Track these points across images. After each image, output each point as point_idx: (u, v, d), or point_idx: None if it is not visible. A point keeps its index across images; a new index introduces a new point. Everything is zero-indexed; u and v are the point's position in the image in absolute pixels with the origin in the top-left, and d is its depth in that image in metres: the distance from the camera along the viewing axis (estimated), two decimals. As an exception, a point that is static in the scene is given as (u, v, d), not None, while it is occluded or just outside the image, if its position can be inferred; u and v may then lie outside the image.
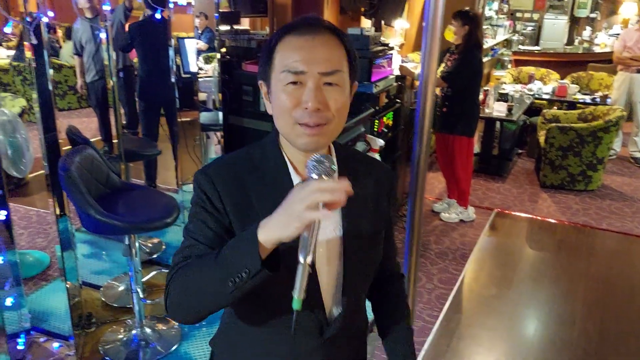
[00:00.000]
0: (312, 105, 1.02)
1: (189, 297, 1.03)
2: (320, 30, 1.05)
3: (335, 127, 1.07)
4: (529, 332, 3.19)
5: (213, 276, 0.97)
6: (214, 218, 1.09)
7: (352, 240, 1.14)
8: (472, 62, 4.18)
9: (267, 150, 1.14)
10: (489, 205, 4.91)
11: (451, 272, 3.77)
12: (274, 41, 1.07)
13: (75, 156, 2.53)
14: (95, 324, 2.97)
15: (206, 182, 1.09)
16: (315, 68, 1.02)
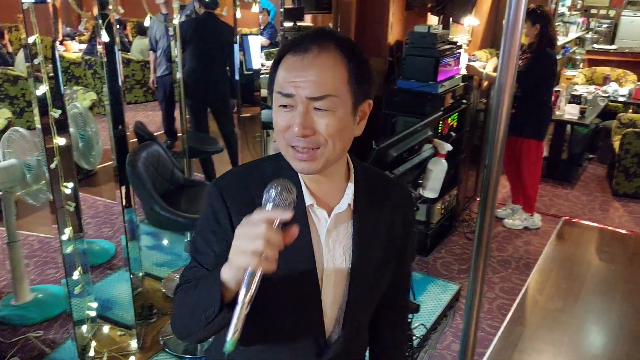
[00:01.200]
0: (298, 131, 0.97)
1: (181, 322, 1.05)
2: (317, 48, 0.98)
3: (330, 151, 1.00)
4: (596, 349, 3.03)
5: (192, 309, 0.97)
6: (217, 237, 1.06)
7: (360, 270, 1.10)
8: (545, 61, 4.01)
9: (281, 166, 1.08)
10: (556, 212, 4.70)
11: (514, 281, 3.63)
12: (277, 58, 1.03)
13: (142, 152, 2.59)
14: (156, 314, 3.04)
15: (216, 196, 1.07)
16: (303, 92, 0.97)
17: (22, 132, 2.97)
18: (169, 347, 2.78)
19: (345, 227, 1.09)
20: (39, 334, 2.92)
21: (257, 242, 0.84)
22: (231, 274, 0.89)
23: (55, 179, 2.37)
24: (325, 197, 1.08)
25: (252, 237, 0.84)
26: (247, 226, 0.86)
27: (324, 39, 0.99)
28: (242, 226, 0.87)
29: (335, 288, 1.09)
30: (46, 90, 2.31)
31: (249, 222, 0.86)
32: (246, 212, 1.01)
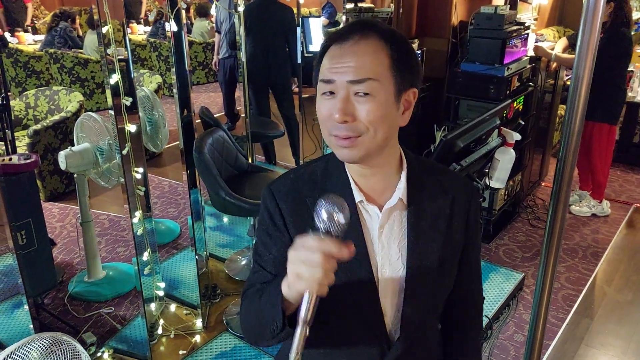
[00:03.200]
0: (338, 117, 0.96)
1: (250, 330, 1.06)
2: (360, 35, 0.98)
3: (371, 139, 0.98)
4: (670, 345, 2.90)
5: (258, 320, 1.00)
6: (274, 239, 1.08)
7: (417, 267, 1.06)
8: (619, 41, 3.80)
9: (330, 165, 1.09)
10: (627, 199, 4.50)
11: (580, 271, 3.51)
12: (322, 50, 1.03)
13: (208, 138, 2.65)
14: (220, 295, 3.14)
15: (270, 198, 1.09)
16: (344, 76, 0.96)
17: (95, 117, 3.10)
18: (232, 328, 2.87)
19: (400, 223, 1.06)
20: (110, 310, 3.07)
21: (315, 270, 0.84)
22: (290, 293, 0.90)
23: (127, 164, 2.46)
24: (375, 192, 1.06)
25: (310, 265, 0.84)
26: (304, 251, 0.86)
27: (365, 28, 0.99)
28: (297, 250, 0.87)
29: (392, 286, 1.07)
30: (118, 79, 2.39)
31: (306, 247, 0.86)
32: (298, 214, 1.05)
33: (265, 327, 0.96)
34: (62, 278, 3.37)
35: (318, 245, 0.85)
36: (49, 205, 4.28)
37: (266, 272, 1.08)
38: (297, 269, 0.85)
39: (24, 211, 2.81)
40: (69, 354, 1.34)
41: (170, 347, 2.75)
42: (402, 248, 1.06)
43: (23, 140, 4.30)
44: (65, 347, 1.35)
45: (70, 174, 4.24)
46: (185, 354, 2.70)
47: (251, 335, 1.08)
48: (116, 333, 2.86)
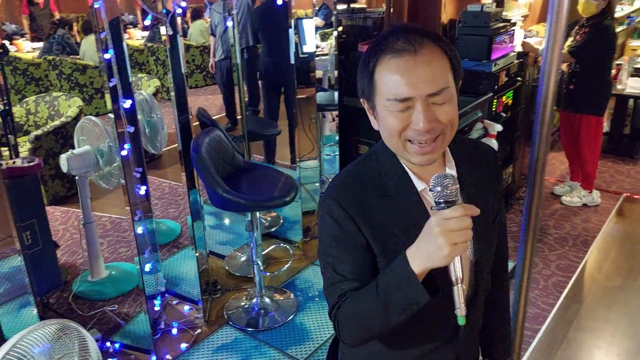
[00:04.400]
0: (424, 126, 1.01)
1: (363, 333, 1.12)
2: (420, 44, 1.01)
3: (449, 137, 1.07)
4: (657, 328, 3.00)
5: (384, 318, 1.04)
6: (347, 243, 1.10)
7: (479, 236, 1.15)
8: (605, 35, 3.88)
9: (383, 161, 1.14)
10: (617, 189, 4.59)
11: (571, 259, 3.61)
12: (373, 63, 1.04)
13: (205, 137, 2.74)
14: (220, 290, 3.23)
15: (334, 206, 1.10)
16: (422, 91, 1.00)
17: (95, 120, 3.19)
18: (233, 321, 2.96)
19: None
20: (114, 307, 3.17)
21: (468, 232, 0.95)
22: (431, 265, 0.97)
23: (127, 165, 2.55)
24: (430, 176, 1.10)
25: (462, 230, 0.94)
26: (451, 222, 0.94)
27: (418, 35, 1.02)
28: (442, 225, 0.94)
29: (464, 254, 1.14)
30: (117, 82, 2.48)
31: (449, 218, 0.94)
32: (366, 214, 1.10)
33: (395, 314, 1.02)
34: (67, 278, 3.47)
35: (461, 212, 0.94)
36: (52, 209, 4.38)
37: (349, 280, 1.11)
38: (453, 239, 0.93)
39: (28, 212, 2.91)
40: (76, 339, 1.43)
41: (172, 341, 2.84)
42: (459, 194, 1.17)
43: (25, 145, 4.39)
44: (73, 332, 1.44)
45: (71, 178, 4.34)
46: (187, 346, 2.80)
47: (366, 337, 1.14)
48: (120, 329, 2.96)
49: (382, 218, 1.10)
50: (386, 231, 1.09)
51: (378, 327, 1.08)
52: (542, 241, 3.82)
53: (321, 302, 3.11)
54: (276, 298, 3.12)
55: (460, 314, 1.00)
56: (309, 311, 3.03)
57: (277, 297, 3.13)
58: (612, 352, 2.82)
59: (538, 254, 3.66)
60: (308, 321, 2.95)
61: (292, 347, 2.77)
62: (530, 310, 3.10)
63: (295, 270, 3.40)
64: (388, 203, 1.10)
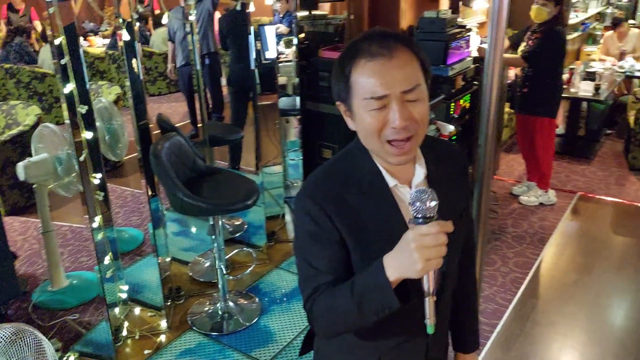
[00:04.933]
0: (400, 124, 1.07)
1: (336, 328, 1.18)
2: (393, 48, 1.07)
3: (421, 135, 1.13)
4: (610, 321, 3.11)
5: (358, 318, 1.10)
6: (322, 239, 1.15)
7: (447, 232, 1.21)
8: (557, 39, 4.03)
9: (356, 159, 1.19)
10: (572, 188, 4.75)
11: (528, 256, 3.72)
12: (348, 66, 1.10)
13: (165, 142, 2.74)
14: (183, 296, 3.22)
15: (310, 204, 1.15)
16: (397, 89, 1.06)
17: (52, 127, 3.16)
18: (196, 326, 2.96)
19: None
20: (75, 316, 3.12)
21: (442, 249, 0.99)
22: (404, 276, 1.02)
23: (84, 171, 2.54)
24: (402, 174, 1.18)
25: (438, 246, 0.98)
26: (427, 239, 0.98)
27: (391, 40, 1.08)
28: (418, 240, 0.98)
29: None
30: (73, 88, 2.47)
31: (425, 234, 0.98)
32: (341, 210, 1.14)
33: (368, 315, 1.07)
34: (26, 289, 3.40)
35: (437, 229, 0.99)
36: (10, 219, 4.29)
37: (324, 273, 1.15)
38: (427, 255, 0.98)
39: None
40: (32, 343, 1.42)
41: (135, 348, 2.82)
42: None
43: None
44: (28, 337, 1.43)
45: (30, 188, 4.26)
46: (150, 353, 2.78)
47: (339, 331, 1.19)
48: (81, 338, 2.92)
49: (356, 213, 1.14)
50: (360, 226, 1.14)
51: (351, 324, 1.14)
52: (500, 239, 3.92)
53: (285, 304, 3.13)
54: (240, 302, 3.12)
55: (430, 323, 1.06)
56: (274, 314, 3.05)
57: (241, 301, 3.14)
58: (567, 344, 2.92)
59: (496, 251, 3.77)
60: (272, 323, 2.97)
61: (257, 349, 2.78)
62: (489, 306, 3.19)
63: (259, 275, 3.42)
64: (362, 199, 1.15)
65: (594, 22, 9.42)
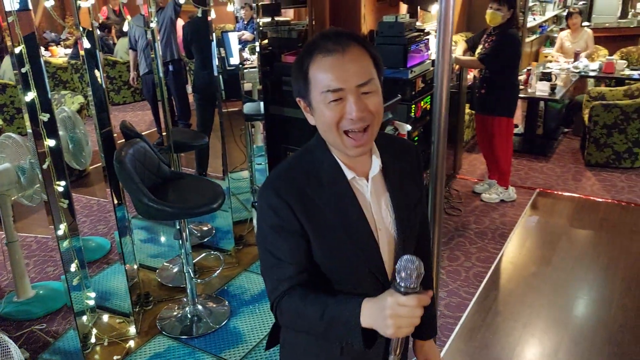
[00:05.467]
0: (356, 115, 1.14)
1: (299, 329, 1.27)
2: (347, 45, 1.15)
3: (376, 126, 1.21)
4: (567, 308, 3.24)
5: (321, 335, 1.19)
6: (284, 230, 1.21)
7: (401, 215, 1.29)
8: (511, 42, 4.18)
9: (317, 154, 1.26)
10: (531, 185, 4.92)
11: (490, 251, 3.84)
12: (306, 63, 1.17)
13: (128, 149, 2.76)
14: (152, 302, 3.23)
15: (272, 196, 1.21)
16: (352, 82, 1.14)
17: (15, 137, 3.14)
18: (166, 330, 2.98)
19: (382, 185, 1.29)
20: (42, 326, 3.11)
21: (416, 320, 1.06)
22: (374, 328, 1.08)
23: (48, 179, 2.54)
24: (359, 167, 1.26)
25: (411, 317, 1.05)
26: (403, 309, 1.04)
27: (344, 37, 1.16)
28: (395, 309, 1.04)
29: (387, 235, 1.28)
30: (34, 96, 2.48)
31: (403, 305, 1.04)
32: (302, 203, 1.20)
33: (332, 339, 1.16)
34: (-11, 299, 3.37)
35: (415, 303, 1.05)
36: (-27, 232, 4.22)
37: (286, 263, 1.21)
38: (399, 323, 1.05)
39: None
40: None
41: (104, 354, 2.83)
42: (387, 204, 1.29)
43: (-59, 168, 4.22)
44: (-6, 340, 1.44)
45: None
46: (119, 358, 2.79)
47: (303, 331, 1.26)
48: (49, 346, 2.91)
49: (317, 205, 1.21)
50: (320, 218, 1.20)
51: (313, 334, 1.22)
52: (464, 236, 4.04)
53: (254, 306, 3.17)
54: (209, 305, 3.15)
55: None
56: (243, 316, 3.09)
57: (210, 304, 3.17)
58: (526, 332, 3.03)
59: (459, 247, 3.88)
60: (241, 325, 3.01)
61: (226, 350, 2.82)
62: (452, 300, 3.29)
63: (228, 278, 3.45)
64: (321, 192, 1.22)
65: (552, 25, 9.74)
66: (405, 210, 1.31)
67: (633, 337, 2.96)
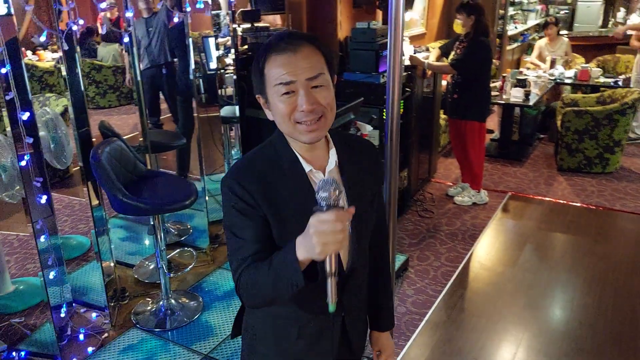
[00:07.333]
0: (307, 107, 1.23)
1: (258, 299, 1.32)
2: (299, 44, 1.25)
3: (329, 118, 1.31)
4: (530, 306, 3.36)
5: (273, 292, 1.25)
6: (248, 213, 1.29)
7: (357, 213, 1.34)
8: (481, 49, 4.33)
9: (278, 147, 1.35)
10: (504, 188, 5.06)
11: (459, 251, 3.97)
12: (262, 61, 1.27)
13: (105, 147, 2.87)
14: (128, 297, 3.33)
15: (235, 184, 1.30)
16: (302, 76, 1.23)
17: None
18: (140, 324, 3.08)
19: (338, 179, 1.36)
20: (20, 320, 3.19)
21: (341, 235, 1.10)
22: (309, 257, 1.14)
23: (25, 175, 2.65)
24: (316, 161, 1.35)
25: (337, 232, 1.09)
26: (326, 226, 1.09)
27: (297, 37, 1.26)
28: (318, 227, 1.09)
29: None
30: (14, 95, 2.58)
31: (325, 222, 1.09)
32: (264, 190, 1.29)
33: (282, 291, 1.22)
34: (-29, 296, 3.45)
35: (337, 218, 1.09)
36: (-45, 230, 4.31)
37: (250, 243, 1.29)
38: (325, 240, 1.09)
39: None
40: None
41: (79, 346, 2.92)
42: (344, 198, 1.37)
43: None
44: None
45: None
46: (94, 350, 2.88)
47: (258, 299, 1.32)
48: (26, 338, 3.00)
49: (277, 193, 1.31)
50: (279, 204, 1.31)
51: (270, 297, 1.28)
52: (435, 237, 4.17)
53: (227, 301, 3.28)
54: (182, 300, 3.26)
55: (331, 302, 1.17)
56: (215, 310, 3.19)
57: (183, 299, 3.27)
58: (489, 327, 3.16)
59: (429, 248, 4.01)
60: (213, 319, 3.11)
61: (197, 342, 2.92)
62: (419, 297, 3.41)
63: (202, 275, 3.56)
64: (282, 180, 1.32)
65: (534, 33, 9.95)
66: (361, 204, 1.40)
67: (591, 333, 3.09)
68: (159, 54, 5.13)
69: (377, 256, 1.61)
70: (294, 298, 1.32)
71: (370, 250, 1.55)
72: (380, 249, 1.64)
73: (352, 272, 1.43)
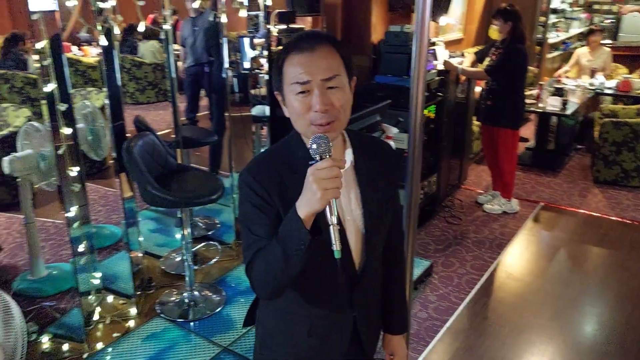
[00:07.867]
0: (320, 107, 1.24)
1: (270, 283, 1.32)
2: (317, 44, 1.27)
3: (343, 120, 1.32)
4: (556, 318, 3.29)
5: (280, 258, 1.24)
6: (263, 209, 1.32)
7: (369, 210, 1.41)
8: (516, 56, 4.27)
9: (292, 145, 1.37)
10: (536, 198, 4.97)
11: (485, 259, 3.92)
12: (282, 59, 1.30)
13: (138, 140, 2.96)
14: (154, 287, 3.42)
15: (251, 179, 1.33)
16: (318, 76, 1.25)
17: (37, 126, 3.37)
18: (164, 313, 3.15)
19: (353, 180, 1.39)
20: (52, 303, 3.32)
21: (337, 180, 1.15)
22: (311, 210, 1.17)
23: (62, 163, 2.75)
24: None
25: (332, 178, 1.14)
26: (322, 172, 1.14)
27: (316, 38, 1.28)
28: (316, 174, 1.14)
29: (355, 226, 1.39)
30: (54, 87, 2.69)
31: (321, 169, 1.14)
32: (279, 187, 1.31)
33: (291, 257, 1.22)
34: (7, 278, 3.60)
35: (329, 163, 1.15)
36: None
37: (264, 240, 1.30)
38: (324, 185, 1.14)
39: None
40: None
41: (105, 331, 3.01)
42: (357, 198, 1.41)
43: (-29, 154, 4.50)
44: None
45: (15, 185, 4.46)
46: (119, 336, 2.97)
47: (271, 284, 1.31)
48: (55, 321, 3.11)
49: (290, 191, 1.32)
50: (293, 201, 1.29)
51: (281, 274, 1.27)
52: (461, 244, 4.13)
53: (248, 296, 3.33)
54: (206, 293, 3.32)
55: (336, 248, 1.18)
56: (237, 304, 3.25)
57: (206, 292, 3.34)
58: (512, 337, 3.11)
59: (455, 255, 3.97)
60: (234, 313, 3.17)
61: (218, 335, 2.98)
62: (442, 304, 3.39)
63: (227, 269, 3.62)
64: (295, 179, 1.32)
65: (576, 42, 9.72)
66: (375, 206, 1.42)
67: (619, 349, 3.02)
68: (202, 52, 5.25)
69: (392, 259, 1.61)
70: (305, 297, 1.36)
71: (385, 253, 1.55)
72: (395, 252, 1.63)
73: (363, 271, 1.44)
